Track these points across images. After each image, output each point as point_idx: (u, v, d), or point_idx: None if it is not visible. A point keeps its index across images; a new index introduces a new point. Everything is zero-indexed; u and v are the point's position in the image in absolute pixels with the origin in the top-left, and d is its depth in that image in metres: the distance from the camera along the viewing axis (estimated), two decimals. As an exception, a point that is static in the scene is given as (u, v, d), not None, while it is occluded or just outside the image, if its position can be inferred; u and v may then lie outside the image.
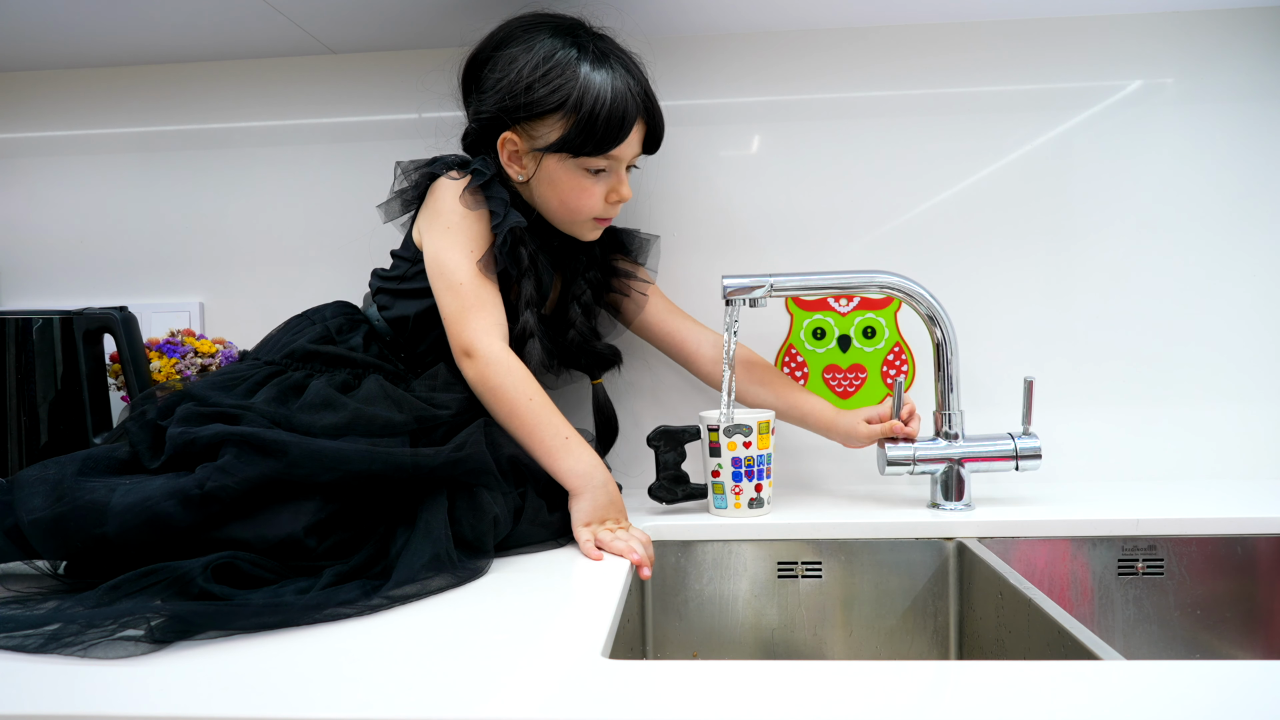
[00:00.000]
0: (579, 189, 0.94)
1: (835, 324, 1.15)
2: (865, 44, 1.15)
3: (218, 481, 0.71)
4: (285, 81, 1.20)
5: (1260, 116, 1.12)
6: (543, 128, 0.92)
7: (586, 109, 0.89)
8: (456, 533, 0.77)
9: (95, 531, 0.69)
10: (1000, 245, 1.14)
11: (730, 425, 0.94)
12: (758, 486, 0.96)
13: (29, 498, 0.71)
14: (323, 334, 0.93)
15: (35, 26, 1.08)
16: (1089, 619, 0.93)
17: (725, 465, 0.96)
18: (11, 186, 1.24)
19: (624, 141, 0.92)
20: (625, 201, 0.98)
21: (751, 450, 0.95)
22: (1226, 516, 0.93)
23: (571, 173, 0.93)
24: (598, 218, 0.97)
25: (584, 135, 0.90)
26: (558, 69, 0.90)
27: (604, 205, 0.96)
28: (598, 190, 0.95)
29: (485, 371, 0.87)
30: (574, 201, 0.95)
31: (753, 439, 0.94)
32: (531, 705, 0.50)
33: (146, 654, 0.58)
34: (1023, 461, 0.97)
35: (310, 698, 0.52)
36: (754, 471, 0.95)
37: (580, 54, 0.91)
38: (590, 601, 0.69)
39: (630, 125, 0.92)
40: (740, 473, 0.95)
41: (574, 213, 0.96)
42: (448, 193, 0.93)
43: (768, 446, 0.96)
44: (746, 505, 0.96)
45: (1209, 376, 1.13)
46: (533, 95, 0.90)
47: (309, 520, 0.73)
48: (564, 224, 0.98)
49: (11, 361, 1.01)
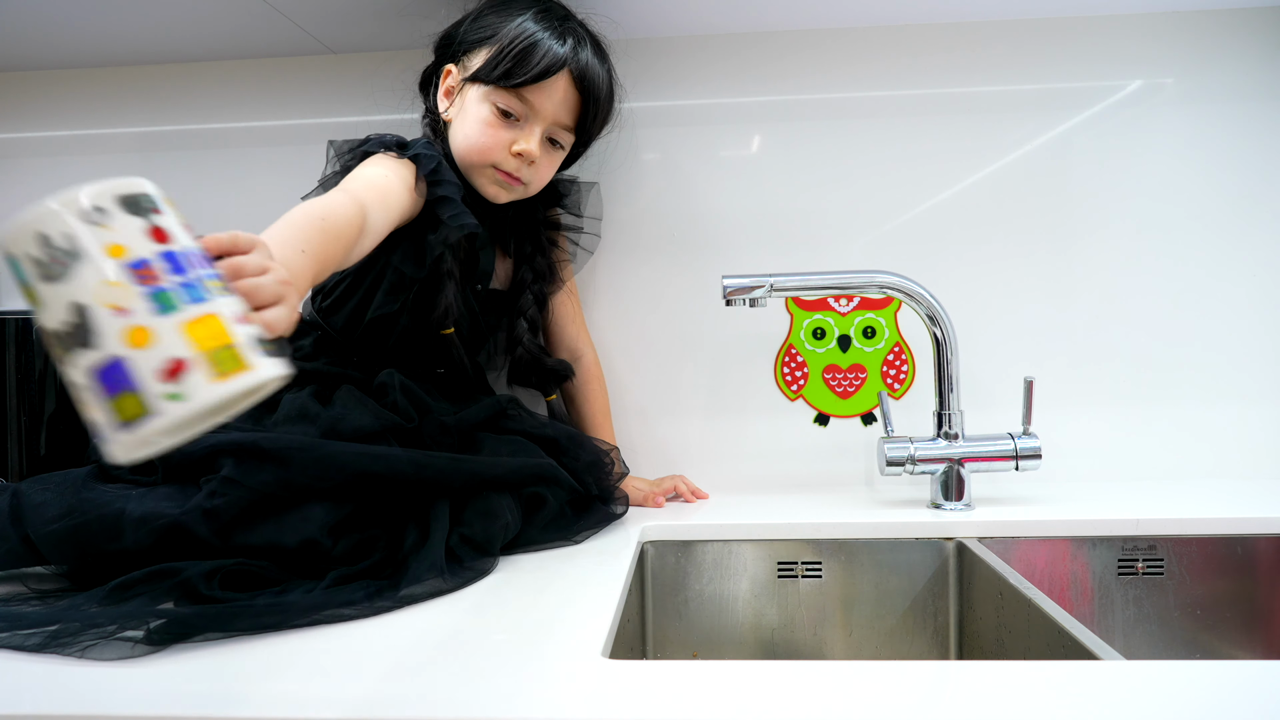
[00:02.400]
0: (482, 123, 0.90)
1: (835, 324, 1.15)
2: (865, 44, 1.15)
3: (224, 496, 0.70)
4: (285, 81, 1.20)
5: (1260, 116, 1.12)
6: (474, 60, 0.92)
7: (509, 39, 0.89)
8: (465, 535, 0.77)
9: (111, 546, 0.69)
10: (1000, 245, 1.15)
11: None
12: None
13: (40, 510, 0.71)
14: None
15: (35, 26, 1.08)
16: (1089, 619, 0.93)
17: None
18: (12, 186, 1.24)
19: (539, 85, 0.89)
20: (528, 159, 0.92)
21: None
22: (1226, 516, 0.93)
23: (482, 105, 0.91)
24: (498, 167, 0.92)
25: (499, 62, 0.89)
26: (505, 8, 0.92)
27: (506, 154, 0.91)
28: (503, 136, 0.90)
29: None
30: (477, 137, 0.90)
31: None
32: (531, 705, 0.50)
33: (144, 656, 0.58)
34: (1023, 461, 0.97)
35: (309, 698, 0.52)
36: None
37: (538, 13, 0.91)
38: (590, 601, 0.69)
39: (550, 71, 0.88)
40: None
41: (477, 152, 0.91)
42: (377, 163, 0.86)
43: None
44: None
45: (1209, 376, 1.13)
46: (475, 25, 0.92)
47: (321, 523, 0.72)
48: (467, 169, 0.93)
49: (11, 362, 1.01)
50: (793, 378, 1.16)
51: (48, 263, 0.41)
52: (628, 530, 0.92)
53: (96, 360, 0.41)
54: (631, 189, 1.15)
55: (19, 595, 0.69)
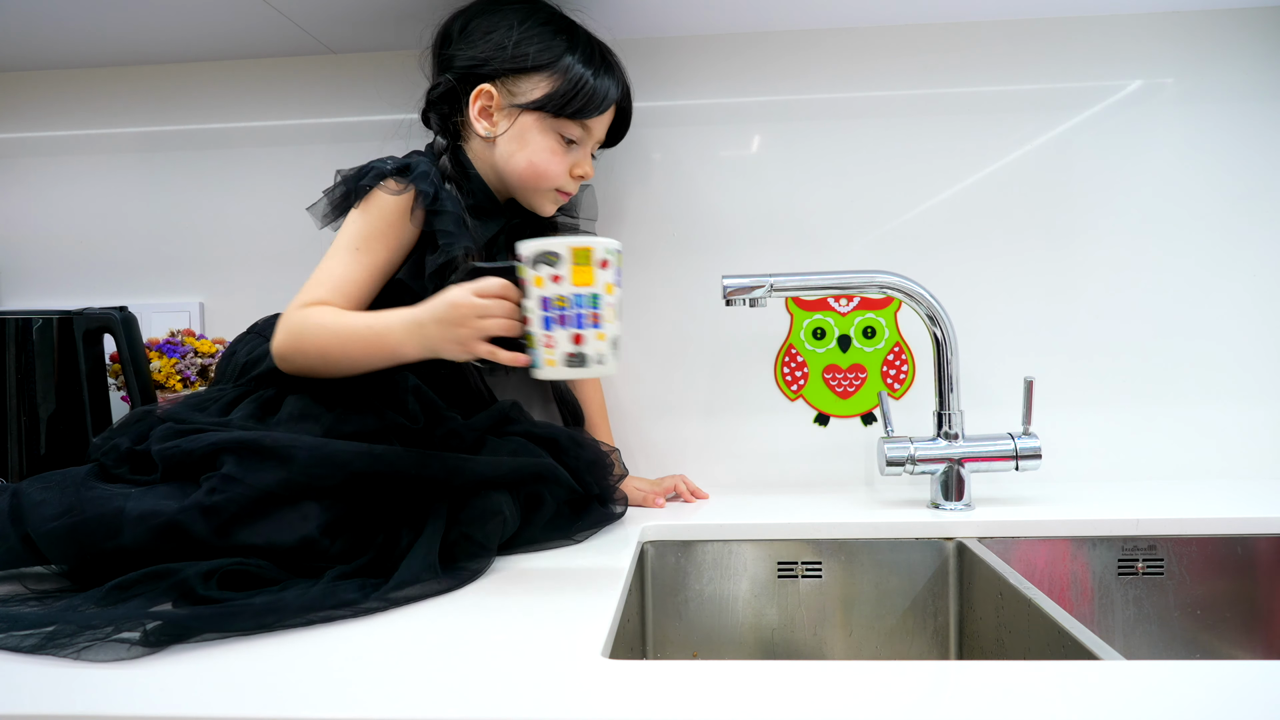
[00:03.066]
0: (549, 151, 0.94)
1: (835, 324, 1.15)
2: (865, 44, 1.15)
3: (225, 492, 0.70)
4: (285, 81, 1.20)
5: (1260, 116, 1.12)
6: (526, 84, 0.92)
7: (576, 73, 0.92)
8: (463, 533, 0.77)
9: (109, 544, 0.69)
10: (1000, 245, 1.15)
11: (537, 252, 0.71)
12: (576, 337, 0.71)
13: (40, 508, 0.71)
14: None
15: (35, 26, 1.08)
16: (1089, 619, 0.93)
17: (534, 308, 0.72)
18: (12, 186, 1.24)
19: (601, 115, 0.96)
20: (587, 179, 0.99)
21: (563, 286, 0.70)
22: (1227, 516, 0.93)
23: (546, 135, 0.94)
24: (559, 189, 0.97)
25: (569, 97, 0.92)
26: (550, 31, 0.93)
27: (567, 178, 0.96)
28: (566, 159, 0.95)
29: (283, 336, 0.83)
30: (543, 164, 0.94)
31: (564, 271, 0.70)
32: (531, 705, 0.50)
33: (140, 657, 0.58)
34: (1023, 461, 0.97)
35: (307, 698, 0.52)
36: (569, 317, 0.71)
37: (573, 32, 0.95)
38: (590, 601, 0.69)
39: (611, 101, 0.96)
40: (551, 318, 0.71)
41: (539, 178, 0.95)
42: (375, 209, 0.88)
43: (589, 283, 0.71)
44: (563, 362, 0.72)
45: (1209, 376, 1.13)
46: (523, 49, 0.91)
47: (320, 522, 0.72)
48: (524, 189, 0.96)
49: (11, 361, 1.01)
50: (793, 378, 1.16)
51: (583, 267, 0.71)
52: (627, 530, 0.92)
53: (573, 324, 0.71)
54: (631, 189, 1.15)
55: (17, 596, 0.69)
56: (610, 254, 0.72)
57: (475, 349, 0.74)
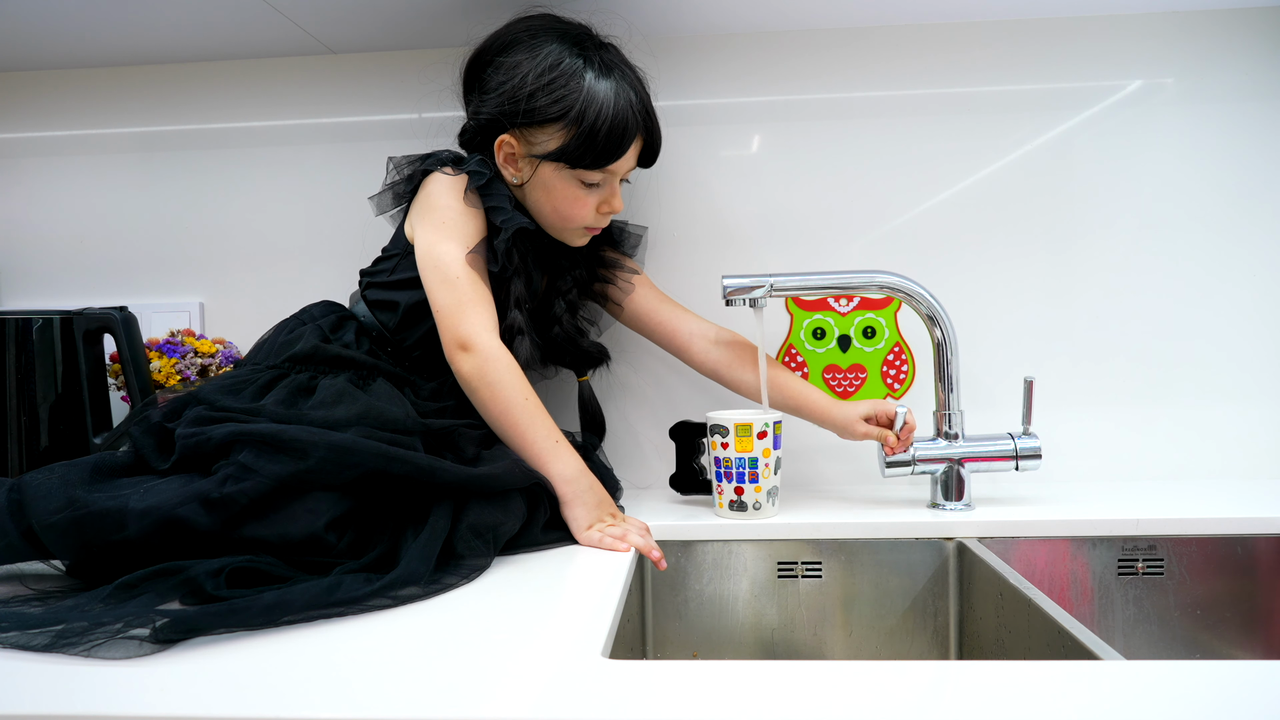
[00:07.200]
0: (572, 199, 0.95)
1: (835, 324, 1.15)
2: (865, 44, 1.15)
3: (240, 483, 0.70)
4: (285, 81, 1.20)
5: (1260, 116, 1.12)
6: (542, 135, 0.92)
7: (588, 123, 0.90)
8: (466, 532, 0.77)
9: (115, 537, 0.68)
10: (1000, 245, 1.15)
11: (713, 424, 0.95)
12: (738, 490, 0.94)
13: (43, 501, 0.71)
14: (319, 334, 0.93)
15: (35, 26, 1.08)
16: (1089, 619, 0.93)
17: (710, 464, 0.97)
18: (11, 186, 1.24)
19: (622, 157, 0.93)
20: (616, 213, 0.99)
21: (729, 452, 0.94)
22: (1227, 516, 0.93)
23: (567, 183, 0.94)
24: (588, 227, 0.99)
25: (583, 149, 0.91)
26: (562, 79, 0.90)
27: (595, 216, 0.97)
28: (591, 201, 0.96)
29: (484, 367, 0.87)
30: (567, 210, 0.96)
31: (729, 440, 0.93)
32: (531, 705, 0.50)
33: (150, 654, 0.58)
34: (1023, 461, 0.97)
35: (309, 698, 0.52)
36: (732, 474, 0.94)
37: (585, 64, 0.91)
38: (590, 601, 0.69)
39: (629, 142, 0.93)
40: (721, 473, 0.95)
41: (566, 220, 0.97)
42: (442, 188, 0.93)
43: (749, 450, 0.93)
44: (728, 506, 0.95)
45: (1209, 376, 1.13)
46: (535, 103, 0.90)
47: (329, 517, 0.73)
48: (554, 230, 0.99)
49: (11, 361, 1.01)
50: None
51: (744, 439, 0.93)
52: (628, 530, 0.92)
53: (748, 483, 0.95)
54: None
55: (19, 596, 0.68)
56: (767, 426, 0.93)
57: (605, 531, 0.85)
